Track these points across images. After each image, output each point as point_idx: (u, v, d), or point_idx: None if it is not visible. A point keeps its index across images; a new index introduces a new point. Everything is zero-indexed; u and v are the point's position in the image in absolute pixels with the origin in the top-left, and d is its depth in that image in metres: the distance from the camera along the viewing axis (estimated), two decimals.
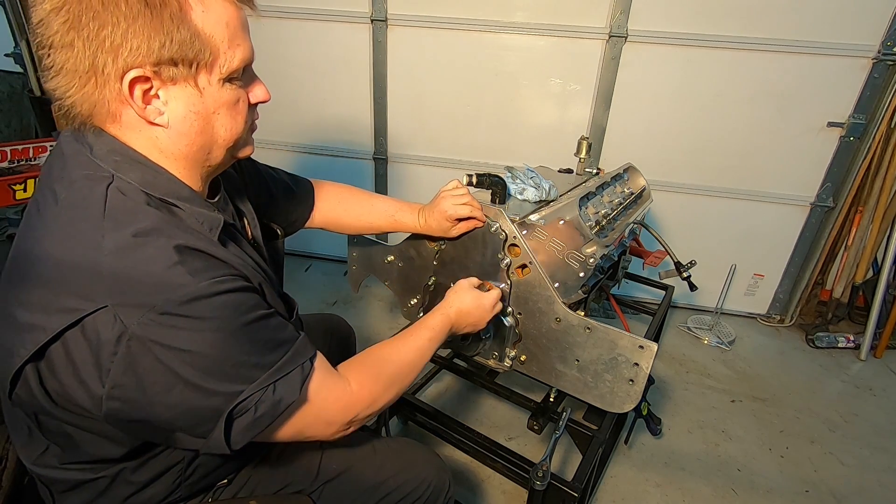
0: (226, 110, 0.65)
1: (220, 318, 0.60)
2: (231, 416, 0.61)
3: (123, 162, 0.62)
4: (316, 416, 0.69)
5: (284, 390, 0.65)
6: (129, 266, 0.57)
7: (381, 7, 2.36)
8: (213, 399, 0.60)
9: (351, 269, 1.49)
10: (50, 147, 2.26)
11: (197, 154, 0.67)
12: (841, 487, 1.70)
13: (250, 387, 0.62)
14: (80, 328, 0.56)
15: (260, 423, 0.63)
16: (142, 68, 0.57)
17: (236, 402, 0.61)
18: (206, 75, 0.62)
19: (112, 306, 0.55)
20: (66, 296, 0.56)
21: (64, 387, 0.58)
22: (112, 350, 0.55)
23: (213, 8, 0.60)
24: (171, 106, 0.62)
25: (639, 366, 0.99)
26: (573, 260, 1.08)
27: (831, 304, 2.59)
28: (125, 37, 0.55)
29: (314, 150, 2.78)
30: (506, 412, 1.91)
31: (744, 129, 2.31)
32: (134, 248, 0.58)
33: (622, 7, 2.18)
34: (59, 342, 0.56)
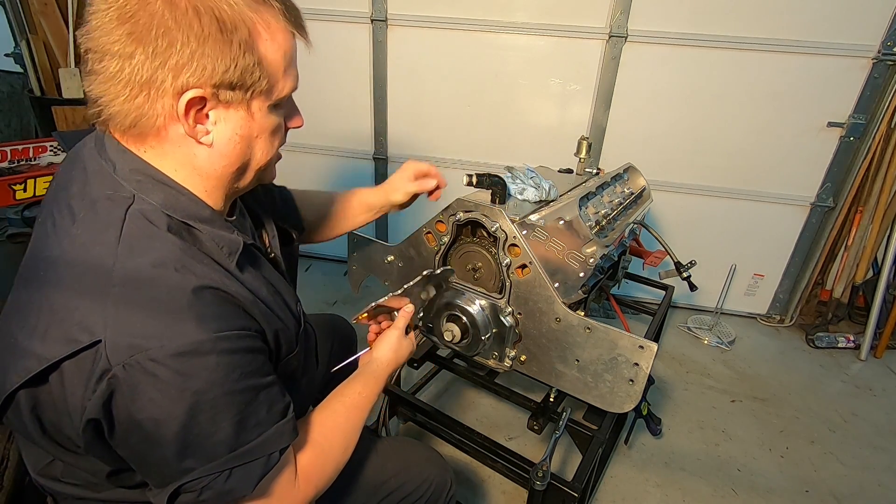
0: (268, 135, 0.66)
1: (207, 381, 0.56)
2: (177, 490, 0.58)
3: (146, 182, 0.61)
4: None
5: (238, 481, 0.60)
6: (134, 301, 0.55)
7: (381, 7, 2.36)
8: (164, 467, 0.58)
9: (351, 269, 1.49)
10: (50, 147, 2.27)
11: (231, 175, 0.66)
12: (841, 487, 1.70)
13: (206, 466, 0.58)
14: (74, 360, 0.54)
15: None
16: (202, 89, 0.57)
17: (186, 480, 0.58)
18: (259, 101, 0.62)
19: (105, 341, 0.53)
20: (67, 324, 0.54)
21: (57, 415, 0.57)
22: (93, 387, 0.53)
23: (277, 38, 0.61)
24: (219, 127, 0.61)
25: (639, 366, 0.99)
26: (573, 260, 1.08)
27: (831, 304, 2.59)
28: (192, 57, 0.55)
29: (314, 149, 2.78)
30: (506, 412, 1.91)
31: (744, 130, 2.31)
32: (144, 282, 0.56)
33: (622, 7, 2.18)
34: (57, 372, 0.55)
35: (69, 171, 0.65)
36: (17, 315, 0.58)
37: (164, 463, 0.58)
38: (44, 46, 2.60)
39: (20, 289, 0.61)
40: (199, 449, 0.58)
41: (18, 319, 0.58)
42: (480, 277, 1.19)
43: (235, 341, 0.59)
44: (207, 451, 0.58)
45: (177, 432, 0.56)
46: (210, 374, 0.56)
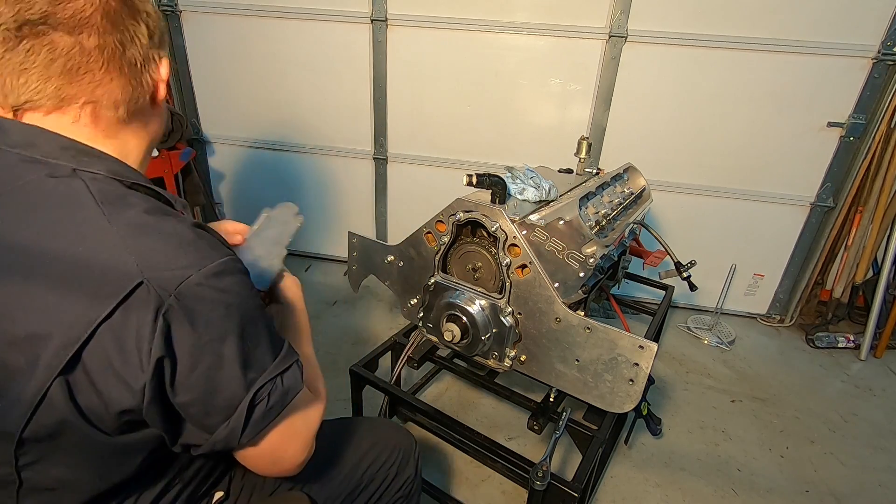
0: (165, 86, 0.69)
1: (242, 296, 0.60)
2: (252, 403, 0.60)
3: (80, 155, 0.60)
4: (306, 416, 0.70)
5: (290, 381, 0.65)
6: (149, 243, 0.55)
7: (381, 7, 2.36)
8: (234, 384, 0.59)
9: (351, 269, 1.49)
10: None
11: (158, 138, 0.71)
12: (841, 487, 1.70)
13: (263, 375, 0.62)
14: (123, 310, 0.52)
15: (270, 414, 0.62)
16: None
17: (256, 389, 0.60)
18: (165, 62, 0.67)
19: (146, 280, 0.53)
20: (88, 291, 0.52)
21: (100, 394, 0.54)
22: (151, 327, 0.53)
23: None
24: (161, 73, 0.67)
25: (639, 366, 0.99)
26: (573, 260, 1.08)
27: (831, 304, 2.59)
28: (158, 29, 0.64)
29: (314, 149, 2.78)
30: (506, 412, 1.91)
31: (744, 130, 2.32)
32: (150, 225, 0.57)
33: (622, 7, 2.18)
34: (94, 342, 0.52)
35: None
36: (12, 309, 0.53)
37: (234, 382, 0.59)
38: None
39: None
40: (254, 360, 0.61)
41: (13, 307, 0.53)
42: (480, 277, 1.19)
43: (240, 263, 0.63)
44: (260, 361, 0.62)
45: (236, 347, 0.58)
46: (241, 289, 0.60)
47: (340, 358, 2.15)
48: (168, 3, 2.53)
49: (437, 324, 1.23)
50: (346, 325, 2.42)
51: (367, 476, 0.93)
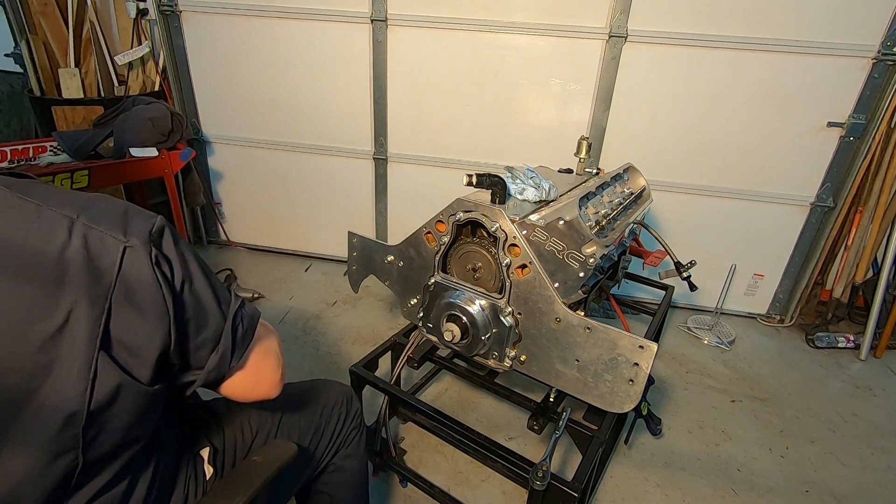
0: None
1: (185, 243, 0.66)
2: (233, 329, 0.68)
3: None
4: (270, 345, 0.77)
5: (250, 309, 0.73)
6: (101, 213, 0.59)
7: (381, 7, 2.36)
8: (215, 315, 0.66)
9: (351, 269, 1.49)
10: (50, 147, 2.27)
11: None
12: (841, 487, 1.70)
13: (231, 305, 0.69)
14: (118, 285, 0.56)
15: (248, 336, 0.71)
16: None
17: (231, 316, 0.68)
18: None
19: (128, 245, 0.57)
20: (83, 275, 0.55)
21: (136, 349, 0.59)
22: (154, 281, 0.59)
23: None
24: None
25: (639, 366, 0.99)
26: (573, 260, 1.08)
27: (831, 304, 2.59)
28: None
29: (314, 149, 2.78)
30: (506, 412, 1.91)
31: (744, 129, 2.31)
32: (87, 201, 0.60)
33: (622, 7, 2.18)
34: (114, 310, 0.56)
35: None
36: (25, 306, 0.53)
37: (214, 313, 0.67)
38: (44, 46, 2.60)
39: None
40: (221, 292, 0.69)
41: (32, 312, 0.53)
42: (480, 277, 1.19)
43: None
44: (224, 293, 0.70)
45: (207, 284, 0.66)
46: (181, 238, 0.66)
47: (340, 358, 2.15)
48: (168, 3, 2.53)
49: (437, 324, 1.23)
50: (346, 325, 2.42)
51: (324, 416, 1.06)
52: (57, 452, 0.56)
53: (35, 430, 0.55)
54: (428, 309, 1.27)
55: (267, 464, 0.80)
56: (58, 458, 0.57)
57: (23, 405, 0.54)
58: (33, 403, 0.54)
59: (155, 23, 2.62)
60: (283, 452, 0.83)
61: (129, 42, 2.71)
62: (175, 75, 2.72)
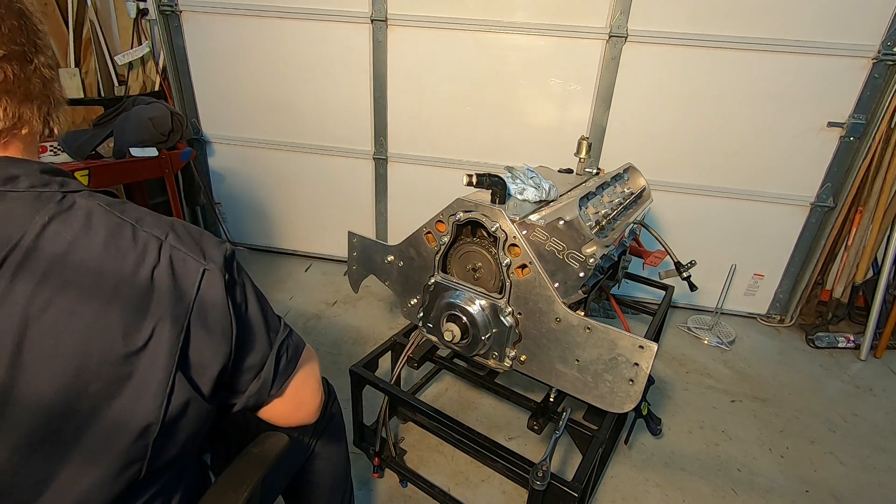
0: None
1: (243, 269, 0.68)
2: (277, 358, 0.69)
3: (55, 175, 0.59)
4: (312, 371, 0.78)
5: (296, 338, 0.75)
6: (183, 236, 0.62)
7: (381, 7, 2.36)
8: (262, 342, 0.68)
9: (351, 269, 1.49)
10: (50, 147, 2.27)
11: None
12: (841, 487, 1.70)
13: (281, 333, 0.71)
14: (195, 307, 0.59)
15: (291, 365, 0.72)
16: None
17: (278, 345, 0.70)
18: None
19: (206, 269, 0.60)
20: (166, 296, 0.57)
21: (202, 368, 0.61)
22: (224, 304, 0.61)
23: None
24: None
25: (639, 366, 0.99)
26: (573, 260, 1.08)
27: (831, 304, 2.59)
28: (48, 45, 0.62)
29: (314, 149, 2.78)
30: (506, 412, 1.91)
31: (744, 129, 2.31)
32: (170, 224, 0.62)
33: (622, 7, 2.18)
34: (192, 328, 0.59)
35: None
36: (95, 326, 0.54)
37: (262, 341, 0.68)
38: None
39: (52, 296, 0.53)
40: (271, 320, 0.71)
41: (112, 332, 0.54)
42: (480, 277, 1.19)
43: None
44: (274, 321, 0.72)
45: (259, 311, 0.68)
46: (241, 265, 0.69)
47: (340, 358, 2.15)
48: (168, 3, 2.53)
49: (437, 324, 1.23)
50: (346, 325, 2.42)
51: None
52: (128, 461, 0.58)
53: (111, 440, 0.56)
54: (428, 309, 1.27)
55: (262, 456, 0.81)
56: (127, 468, 0.58)
57: (100, 413, 0.55)
58: (111, 413, 0.56)
59: (155, 23, 2.62)
60: (276, 443, 0.84)
61: (129, 42, 2.71)
62: (175, 75, 2.72)
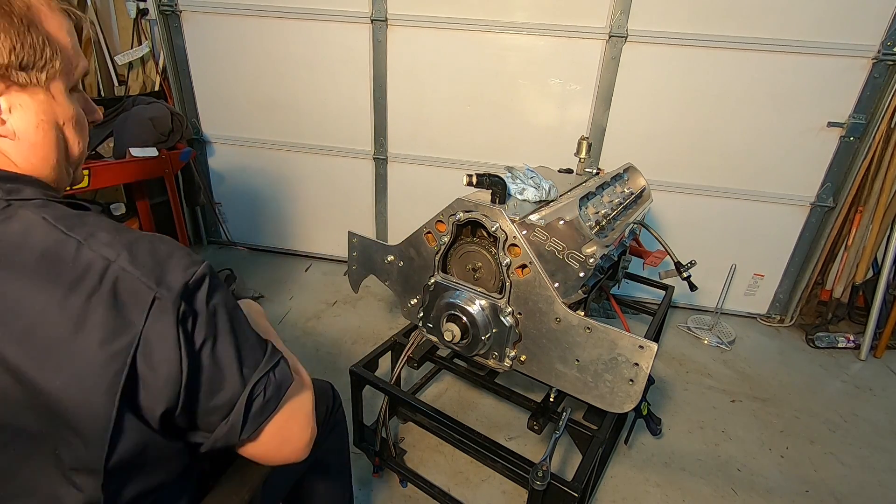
0: (73, 123, 0.64)
1: (226, 297, 0.62)
2: (249, 399, 0.62)
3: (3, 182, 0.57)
4: (300, 406, 0.71)
5: (282, 375, 0.67)
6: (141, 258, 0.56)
7: (381, 7, 2.36)
8: (232, 381, 0.61)
9: (351, 269, 1.49)
10: None
11: (54, 170, 0.64)
12: (841, 487, 1.70)
13: (258, 370, 0.64)
14: (142, 341, 0.54)
15: (268, 407, 0.64)
16: None
17: (252, 385, 0.62)
18: (58, 84, 0.60)
19: (158, 296, 0.54)
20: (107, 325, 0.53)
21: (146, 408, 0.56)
22: (175, 338, 0.55)
23: (57, 15, 0.59)
24: (16, 114, 0.58)
25: (639, 366, 0.99)
26: (573, 260, 1.08)
27: (831, 304, 2.59)
28: None
29: (314, 149, 2.78)
30: (506, 412, 1.91)
31: (744, 129, 2.31)
32: (128, 245, 0.56)
33: (622, 7, 2.18)
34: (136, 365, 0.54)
35: None
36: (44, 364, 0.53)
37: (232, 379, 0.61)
38: None
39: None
40: (247, 357, 0.63)
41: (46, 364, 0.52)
42: (480, 277, 1.19)
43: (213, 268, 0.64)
44: (253, 357, 0.64)
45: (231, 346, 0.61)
46: (221, 290, 0.63)
47: (340, 358, 2.15)
48: (168, 3, 2.53)
49: (437, 324, 1.23)
50: (346, 325, 2.42)
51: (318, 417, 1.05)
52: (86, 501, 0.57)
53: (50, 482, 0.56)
54: (428, 309, 1.27)
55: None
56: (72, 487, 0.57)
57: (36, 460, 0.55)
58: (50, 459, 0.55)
59: (155, 23, 2.62)
60: None
61: (129, 42, 2.71)
62: (175, 75, 2.72)
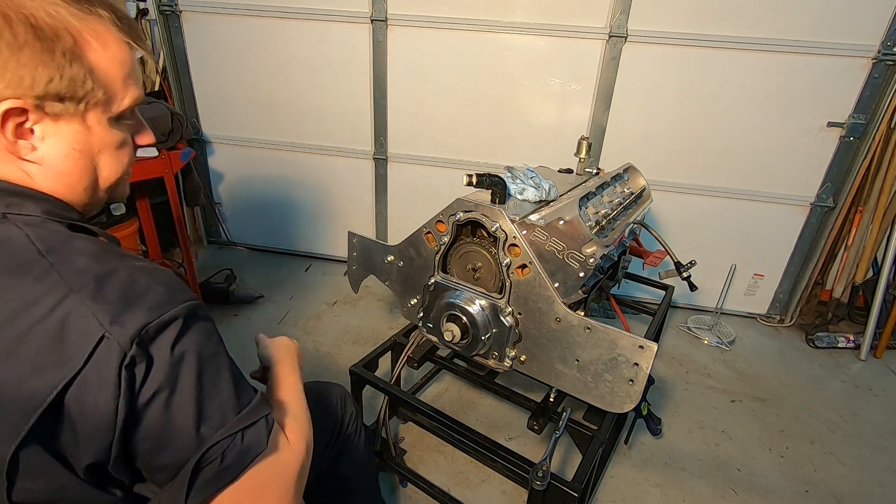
0: (112, 150, 0.64)
1: (200, 344, 0.58)
2: (199, 464, 0.55)
3: (5, 198, 0.57)
4: (275, 476, 0.64)
5: (253, 439, 0.59)
6: (105, 293, 0.53)
7: (381, 7, 2.36)
8: (185, 439, 0.55)
9: (351, 269, 1.49)
10: None
11: (78, 194, 0.64)
12: (841, 487, 1.70)
13: (221, 431, 0.57)
14: (77, 381, 0.51)
15: (225, 475, 0.57)
16: (20, 100, 0.54)
17: (207, 447, 0.56)
18: (96, 114, 0.60)
19: (107, 335, 0.51)
20: (46, 356, 0.50)
21: (66, 455, 0.54)
22: (115, 384, 0.52)
23: (110, 47, 0.59)
24: (48, 143, 0.58)
25: (639, 366, 0.99)
26: (573, 260, 1.08)
27: (831, 304, 2.59)
28: (6, 66, 0.52)
29: (314, 149, 2.78)
30: (506, 412, 1.91)
31: (744, 130, 2.32)
32: (99, 276, 0.54)
33: (622, 7, 2.18)
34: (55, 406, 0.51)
35: None
36: None
37: (185, 437, 0.56)
38: None
39: None
40: (211, 413, 0.57)
41: None
42: (480, 277, 1.19)
43: (202, 307, 0.60)
44: (219, 415, 0.58)
45: (192, 399, 0.56)
46: (199, 336, 0.58)
47: (340, 358, 2.15)
48: (168, 3, 2.53)
49: (437, 324, 1.23)
50: (346, 325, 2.42)
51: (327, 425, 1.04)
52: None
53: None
54: (428, 309, 1.27)
55: None
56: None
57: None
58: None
59: (155, 23, 2.62)
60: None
61: None
62: (175, 75, 2.72)
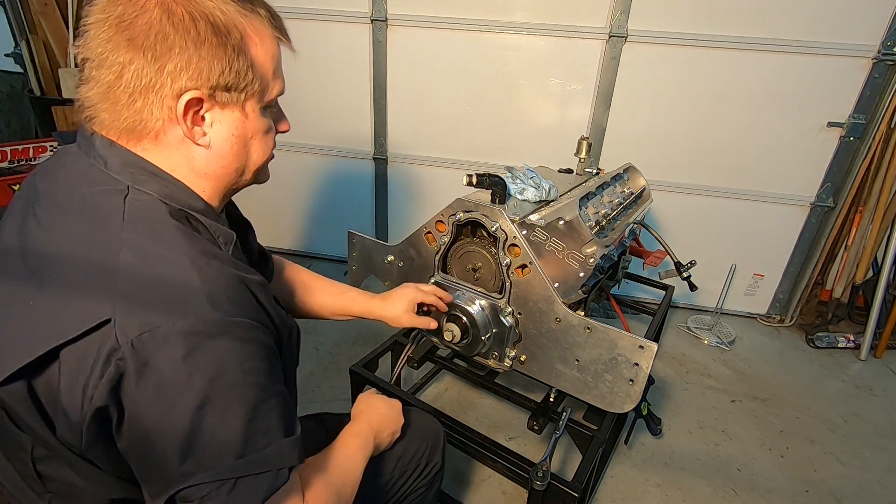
0: (261, 136, 0.71)
1: (218, 367, 0.53)
2: (172, 499, 0.52)
3: (139, 174, 0.62)
4: None
5: (243, 494, 0.52)
6: (144, 284, 0.54)
7: (381, 7, 2.36)
8: (164, 468, 0.52)
9: (351, 269, 1.49)
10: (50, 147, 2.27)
11: (230, 175, 0.70)
12: (841, 487, 1.70)
13: (209, 472, 0.51)
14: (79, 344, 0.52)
15: None
16: (199, 90, 0.60)
17: (183, 486, 0.51)
18: (252, 103, 0.66)
19: (114, 319, 0.51)
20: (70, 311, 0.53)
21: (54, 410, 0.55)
22: (100, 372, 0.51)
23: (266, 43, 0.66)
24: (215, 128, 0.64)
25: (639, 366, 0.99)
26: (573, 260, 1.08)
27: (831, 304, 2.59)
28: (190, 60, 0.58)
29: (314, 150, 2.78)
30: (506, 412, 1.91)
31: (744, 129, 2.32)
32: (153, 264, 0.55)
33: (622, 7, 2.18)
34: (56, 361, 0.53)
35: (53, 174, 0.65)
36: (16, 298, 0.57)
37: (165, 462, 0.52)
38: (44, 46, 2.60)
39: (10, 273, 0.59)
40: (203, 448, 0.52)
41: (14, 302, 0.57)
42: (480, 277, 1.19)
43: (248, 330, 0.56)
44: (212, 453, 0.52)
45: (183, 424, 0.51)
46: (222, 359, 0.53)
47: (340, 358, 2.15)
48: None
49: (437, 324, 1.23)
50: (346, 325, 2.42)
51: (398, 468, 0.95)
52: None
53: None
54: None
55: None
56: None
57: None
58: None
59: None
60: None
61: None
62: None
